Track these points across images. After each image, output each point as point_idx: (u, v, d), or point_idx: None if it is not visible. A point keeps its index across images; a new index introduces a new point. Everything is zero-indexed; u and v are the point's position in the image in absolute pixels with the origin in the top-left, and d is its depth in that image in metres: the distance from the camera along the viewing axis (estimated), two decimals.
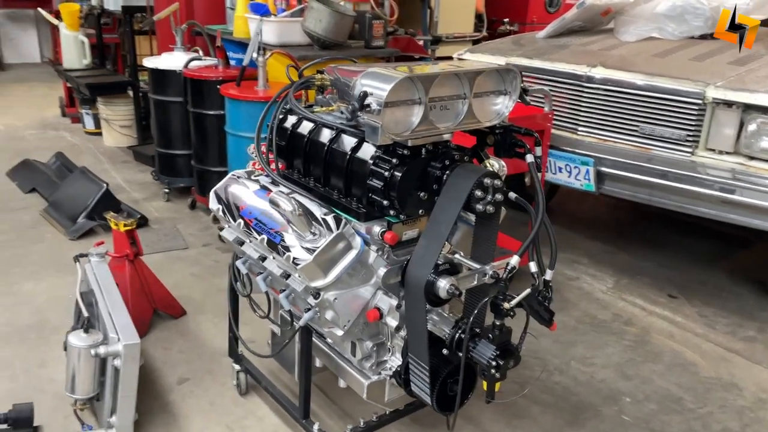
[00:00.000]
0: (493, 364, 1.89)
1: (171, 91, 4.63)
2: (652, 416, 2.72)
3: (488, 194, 1.94)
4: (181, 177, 4.86)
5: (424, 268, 1.89)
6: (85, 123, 6.59)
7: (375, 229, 2.01)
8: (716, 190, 3.12)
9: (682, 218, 4.67)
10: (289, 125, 2.33)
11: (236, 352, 2.72)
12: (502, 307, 1.89)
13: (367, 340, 2.13)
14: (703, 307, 3.67)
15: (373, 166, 1.96)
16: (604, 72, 3.42)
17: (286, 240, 2.01)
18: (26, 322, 3.20)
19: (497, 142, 2.12)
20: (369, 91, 1.79)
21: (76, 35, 6.22)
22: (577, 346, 3.21)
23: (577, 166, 3.47)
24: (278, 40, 4.16)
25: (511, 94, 2.07)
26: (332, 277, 1.96)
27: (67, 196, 4.51)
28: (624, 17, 4.12)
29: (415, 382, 2.06)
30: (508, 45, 4.29)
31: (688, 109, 3.15)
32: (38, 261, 3.85)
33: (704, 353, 3.22)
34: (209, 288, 3.62)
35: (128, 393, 2.33)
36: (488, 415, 2.67)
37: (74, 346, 2.30)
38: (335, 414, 2.63)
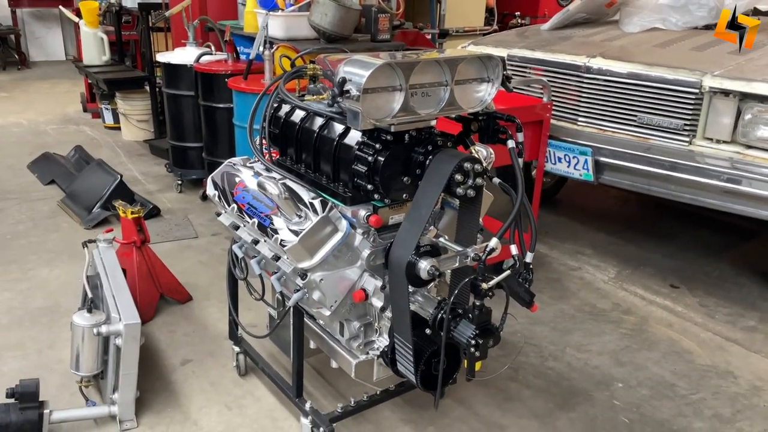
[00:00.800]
0: (472, 343, 1.95)
1: (183, 86, 4.74)
2: (643, 401, 2.76)
3: (469, 178, 2.00)
4: (193, 169, 4.98)
5: (405, 250, 1.95)
6: (105, 118, 6.76)
7: (360, 213, 2.08)
8: (714, 179, 3.13)
9: (690, 210, 4.67)
10: (282, 114, 2.41)
11: (236, 335, 2.81)
12: (481, 288, 1.95)
13: (355, 320, 2.20)
14: (705, 297, 3.67)
15: (358, 152, 2.03)
16: (603, 62, 3.44)
17: (274, 223, 2.09)
18: (39, 305, 3.34)
19: (481, 129, 2.18)
20: (348, 78, 1.85)
21: (96, 32, 6.38)
22: (574, 333, 3.25)
23: (575, 156, 3.50)
24: (285, 34, 4.25)
25: (494, 82, 2.12)
26: (318, 259, 2.03)
27: (83, 187, 4.65)
28: (628, 8, 4.13)
29: (401, 361, 2.12)
30: (512, 37, 4.32)
31: (685, 98, 3.16)
32: (54, 248, 3.99)
33: (702, 342, 3.23)
34: (216, 275, 3.72)
35: (129, 371, 2.43)
36: (479, 398, 2.72)
37: (78, 325, 2.41)
38: (330, 394, 2.71)
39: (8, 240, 4.10)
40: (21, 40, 10.83)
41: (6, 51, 10.71)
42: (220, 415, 2.58)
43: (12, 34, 10.61)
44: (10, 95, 8.50)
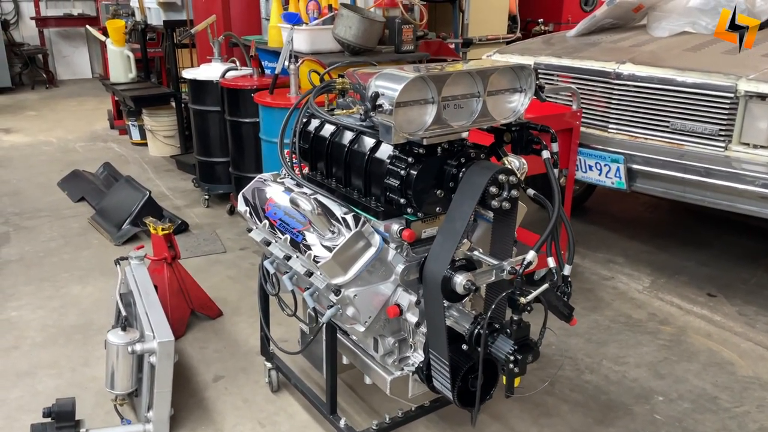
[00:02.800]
0: (511, 359, 1.91)
1: (209, 101, 4.78)
2: (685, 415, 2.68)
3: (503, 191, 1.96)
4: (220, 184, 5.00)
5: (440, 264, 1.92)
6: (132, 134, 6.85)
7: (393, 227, 2.06)
8: (752, 184, 3.05)
9: (724, 215, 4.56)
10: (311, 129, 2.40)
11: (268, 351, 2.80)
12: (518, 302, 1.91)
13: (389, 336, 2.18)
14: (744, 305, 3.58)
15: (390, 166, 2.01)
16: (634, 68, 3.39)
17: (307, 239, 2.08)
18: (72, 323, 3.36)
19: (514, 140, 2.14)
20: (381, 92, 1.83)
21: (122, 50, 6.47)
22: (610, 345, 3.18)
23: (607, 164, 3.44)
24: (310, 48, 4.26)
25: (527, 92, 2.09)
26: (352, 274, 2.01)
27: (112, 204, 4.70)
28: (656, 13, 4.06)
29: (437, 377, 2.09)
30: (538, 44, 4.28)
31: (719, 103, 3.09)
32: (85, 266, 4.03)
33: (743, 352, 3.14)
34: (245, 290, 3.72)
35: (164, 388, 2.43)
36: (515, 413, 2.67)
37: (113, 344, 2.42)
38: (363, 410, 2.68)
39: (41, 257, 4.15)
40: (48, 59, 11.04)
41: (34, 70, 10.92)
42: None
43: (40, 53, 10.83)
44: (39, 114, 8.66)
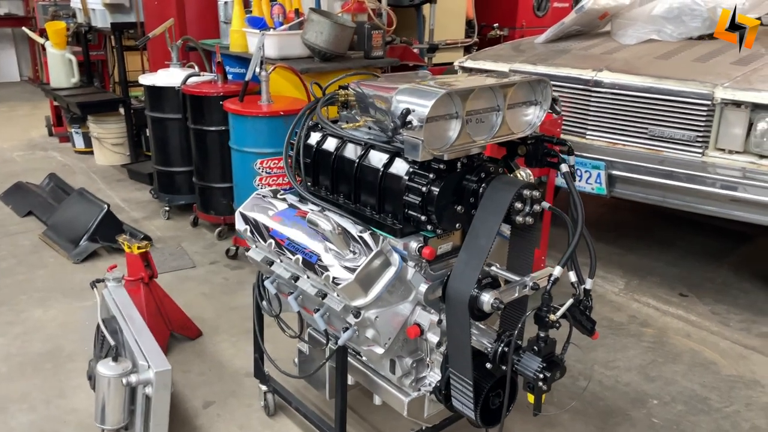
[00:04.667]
0: (540, 377, 1.88)
1: (168, 108, 4.56)
2: (681, 417, 2.74)
3: (527, 205, 1.94)
4: (181, 194, 4.79)
5: (466, 284, 1.87)
6: (75, 142, 6.49)
7: (412, 245, 2.00)
8: (728, 189, 3.15)
9: (685, 216, 4.72)
10: (313, 142, 2.31)
11: (263, 373, 2.67)
12: (547, 319, 1.89)
13: (407, 356, 2.11)
14: (715, 304, 3.70)
15: (410, 182, 1.95)
16: (611, 76, 3.45)
17: (323, 259, 1.99)
18: (39, 350, 3.13)
19: (529, 153, 2.12)
20: (411, 108, 1.77)
21: (63, 53, 6.12)
22: (598, 349, 3.22)
23: (588, 170, 3.48)
24: (278, 53, 4.14)
25: (542, 104, 2.07)
26: (373, 296, 1.94)
27: (66, 218, 4.42)
28: (621, 20, 4.15)
29: (457, 396, 2.04)
30: (509, 51, 4.30)
31: (697, 109, 3.18)
32: (44, 287, 3.77)
33: (723, 351, 3.24)
34: (222, 307, 3.57)
35: (161, 421, 2.28)
36: (519, 426, 2.66)
37: (104, 376, 2.25)
38: (366, 431, 2.60)
39: None
40: None
41: None
42: None
43: None
44: None
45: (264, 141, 3.78)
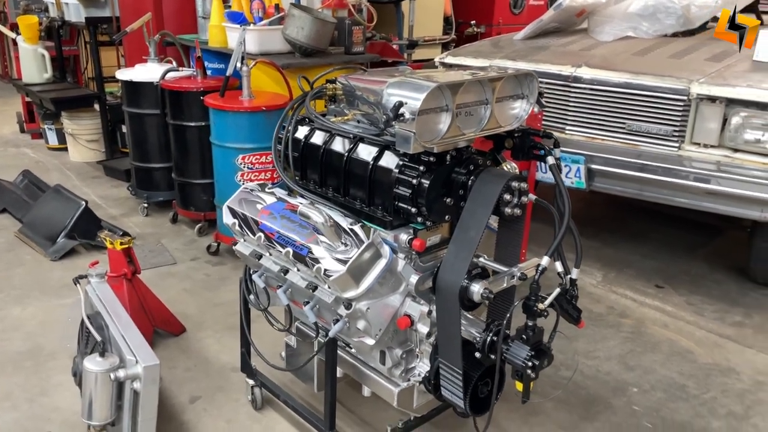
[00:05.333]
0: (528, 365, 1.92)
1: (146, 104, 4.52)
2: (660, 404, 2.81)
3: (515, 197, 1.98)
4: (159, 191, 4.75)
5: (456, 275, 1.90)
6: (48, 139, 6.37)
7: (402, 237, 2.02)
8: (703, 182, 3.24)
9: (660, 211, 4.83)
10: (301, 136, 2.31)
11: (250, 367, 2.67)
12: (535, 308, 1.93)
13: (397, 347, 2.14)
14: (690, 295, 3.79)
15: (400, 175, 1.97)
16: (590, 72, 3.51)
17: (314, 252, 2.00)
18: (19, 349, 3.08)
19: (515, 146, 2.16)
20: (403, 101, 1.79)
21: (36, 48, 6.01)
22: (579, 340, 3.28)
23: (567, 165, 3.54)
24: (259, 48, 4.12)
25: (529, 98, 2.11)
26: (365, 287, 1.96)
27: (43, 215, 4.35)
28: (598, 17, 4.23)
29: (446, 386, 2.07)
30: (488, 47, 4.35)
31: (673, 105, 3.26)
32: (21, 284, 3.70)
33: (698, 340, 3.33)
34: (205, 303, 3.55)
35: (149, 416, 2.27)
36: (504, 414, 2.70)
37: (91, 371, 2.22)
38: (354, 423, 2.62)
39: None
40: None
41: None
42: None
43: None
44: None
45: (245, 136, 3.76)
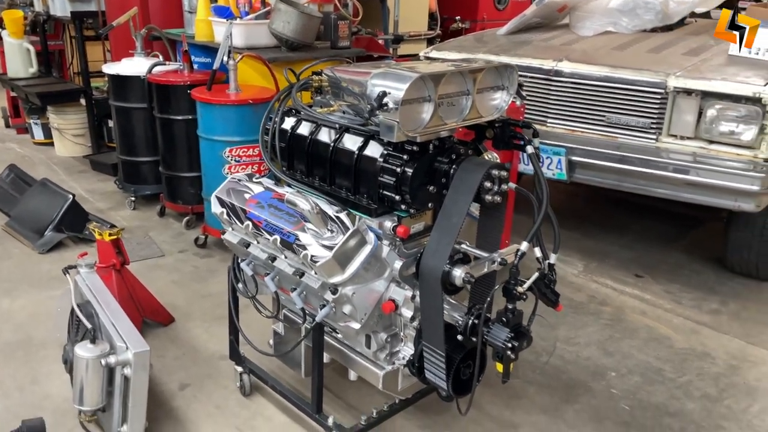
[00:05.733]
0: (508, 346, 1.99)
1: (133, 98, 4.55)
2: (638, 388, 2.90)
3: (495, 185, 2.04)
4: (147, 184, 4.78)
5: (439, 260, 1.97)
6: (34, 133, 6.36)
7: (387, 224, 2.09)
8: (680, 172, 3.33)
9: (639, 203, 4.93)
10: (288, 127, 2.37)
11: (238, 354, 2.73)
12: (514, 292, 2.00)
13: (382, 331, 2.20)
14: (668, 284, 3.89)
15: (385, 163, 2.03)
16: (571, 66, 3.59)
17: (301, 239, 2.06)
18: (8, 339, 3.11)
19: (496, 136, 2.23)
20: (387, 91, 1.85)
21: (21, 43, 6.00)
22: (560, 327, 3.36)
23: (549, 157, 3.62)
24: (245, 42, 4.17)
25: (509, 89, 2.18)
26: (350, 273, 2.02)
27: (30, 209, 4.37)
28: (579, 13, 4.31)
29: (430, 368, 2.13)
30: (472, 42, 4.42)
31: (651, 98, 3.34)
32: (10, 277, 3.73)
33: (675, 327, 3.43)
34: (193, 294, 3.59)
35: (139, 401, 2.32)
36: (487, 399, 2.77)
37: (82, 358, 2.27)
38: (341, 408, 2.68)
39: None
40: None
41: None
42: None
43: None
44: None
45: (233, 129, 3.81)
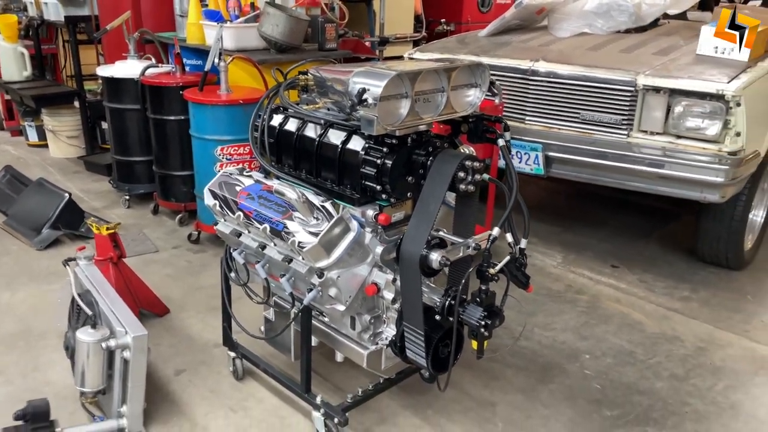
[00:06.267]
0: (482, 324, 2.16)
1: (127, 99, 4.68)
2: (609, 369, 3.07)
3: (469, 175, 2.21)
4: (140, 183, 4.91)
5: (417, 244, 2.12)
6: (29, 135, 6.48)
7: (369, 213, 2.25)
8: (650, 166, 3.50)
9: (616, 197, 5.12)
10: (276, 123, 2.52)
11: (231, 340, 2.87)
12: (487, 273, 2.16)
13: (365, 313, 2.36)
14: (643, 274, 4.07)
15: (366, 156, 2.19)
16: (546, 65, 3.76)
17: (289, 227, 2.21)
18: (10, 330, 3.25)
19: (470, 130, 2.39)
20: (366, 88, 2.01)
21: (15, 47, 6.12)
22: (538, 314, 3.53)
23: (527, 153, 3.79)
24: (235, 45, 4.31)
25: (481, 86, 2.34)
26: (335, 257, 2.18)
27: (27, 207, 4.50)
28: (556, 15, 4.49)
29: (410, 347, 2.29)
30: (454, 44, 4.59)
31: (622, 95, 3.52)
32: (9, 272, 3.86)
33: (648, 313, 3.60)
34: (187, 287, 3.74)
35: (138, 383, 2.46)
36: (468, 380, 2.94)
37: (84, 342, 2.41)
38: (328, 389, 2.83)
39: None
40: None
41: None
42: (226, 419, 2.66)
43: None
44: None
45: (224, 129, 3.96)
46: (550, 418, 2.73)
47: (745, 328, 3.47)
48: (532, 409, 2.78)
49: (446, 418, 2.70)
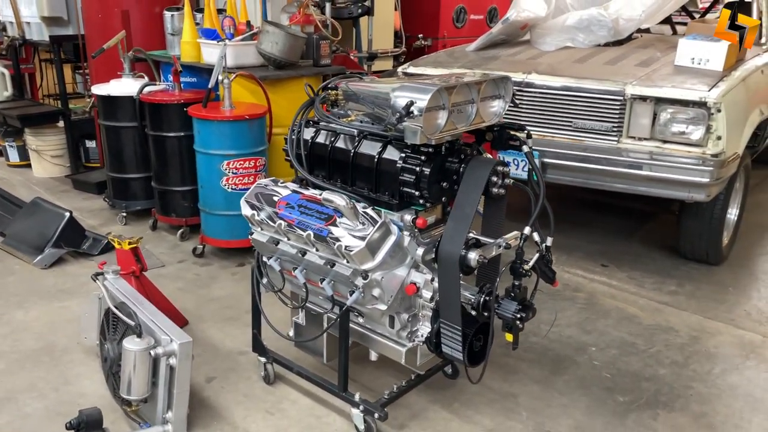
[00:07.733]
0: (517, 317, 2.33)
1: (123, 117, 4.73)
2: (616, 359, 3.28)
3: (500, 179, 2.39)
4: (137, 200, 4.95)
5: (456, 245, 2.29)
6: (9, 156, 6.41)
7: (407, 217, 2.41)
8: (638, 169, 3.75)
9: (598, 200, 5.40)
10: (308, 137, 2.66)
11: (262, 346, 2.97)
12: (521, 270, 2.34)
13: (404, 312, 2.51)
14: (632, 271, 4.33)
15: (404, 164, 2.35)
16: (540, 78, 3.99)
17: (334, 232, 2.35)
18: (32, 347, 3.27)
19: (495, 138, 2.57)
20: (413, 100, 2.17)
21: None
22: (541, 312, 3.67)
23: (523, 160, 4.00)
24: (234, 62, 4.42)
25: (505, 97, 2.53)
26: (379, 259, 2.33)
27: (26, 227, 4.48)
28: (539, 30, 4.75)
29: (447, 343, 2.44)
30: (445, 58, 4.79)
31: (612, 104, 3.77)
32: (18, 292, 3.86)
33: (642, 307, 3.84)
34: (200, 299, 3.81)
35: (183, 388, 2.55)
36: (486, 375, 3.03)
37: (131, 350, 2.49)
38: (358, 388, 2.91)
39: None
40: None
41: None
42: (265, 420, 2.76)
43: None
44: None
45: (230, 143, 4.06)
46: (568, 406, 2.91)
47: (731, 317, 3.74)
48: (550, 398, 2.96)
49: (473, 410, 2.86)
